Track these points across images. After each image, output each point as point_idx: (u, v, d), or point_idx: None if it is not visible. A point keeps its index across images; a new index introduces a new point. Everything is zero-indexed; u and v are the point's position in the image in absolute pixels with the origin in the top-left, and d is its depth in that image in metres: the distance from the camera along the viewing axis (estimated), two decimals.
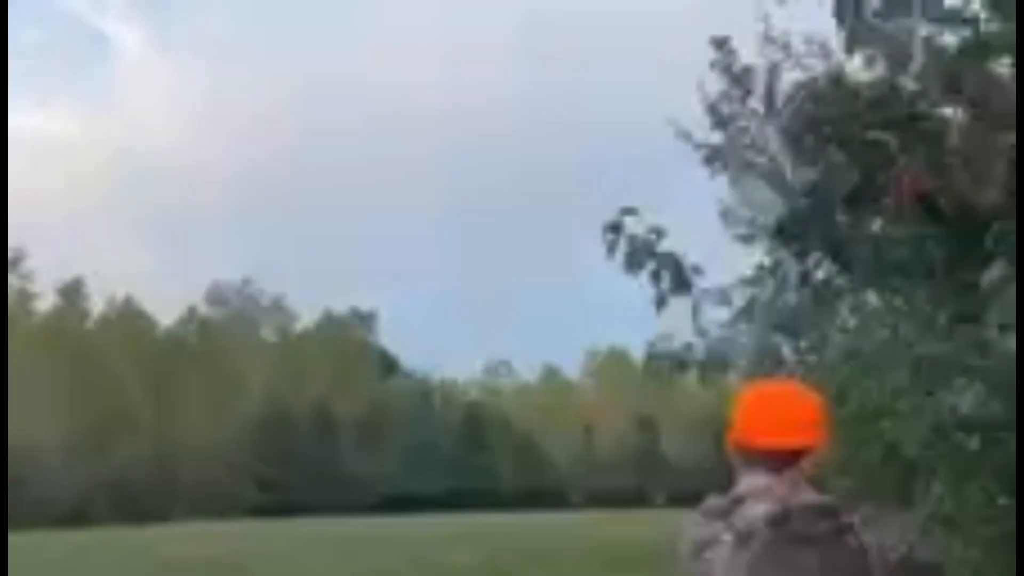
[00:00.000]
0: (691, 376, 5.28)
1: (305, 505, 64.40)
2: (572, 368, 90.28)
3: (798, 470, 2.68)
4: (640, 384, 79.60)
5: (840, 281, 6.06)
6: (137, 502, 61.70)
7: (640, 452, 76.78)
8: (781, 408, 2.78)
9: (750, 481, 2.68)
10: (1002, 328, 3.81)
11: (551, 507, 64.44)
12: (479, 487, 73.72)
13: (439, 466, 74.27)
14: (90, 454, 62.68)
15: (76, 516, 55.59)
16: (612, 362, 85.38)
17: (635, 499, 70.06)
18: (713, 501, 2.73)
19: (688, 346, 4.75)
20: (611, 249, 4.56)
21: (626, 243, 4.60)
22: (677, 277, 4.57)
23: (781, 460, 2.68)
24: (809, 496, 2.61)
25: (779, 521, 2.54)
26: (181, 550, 24.43)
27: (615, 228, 4.56)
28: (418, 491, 70.69)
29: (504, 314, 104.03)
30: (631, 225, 4.61)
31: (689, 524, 2.78)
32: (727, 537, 2.60)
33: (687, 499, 3.09)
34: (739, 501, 2.66)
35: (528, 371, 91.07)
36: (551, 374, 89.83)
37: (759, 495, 2.62)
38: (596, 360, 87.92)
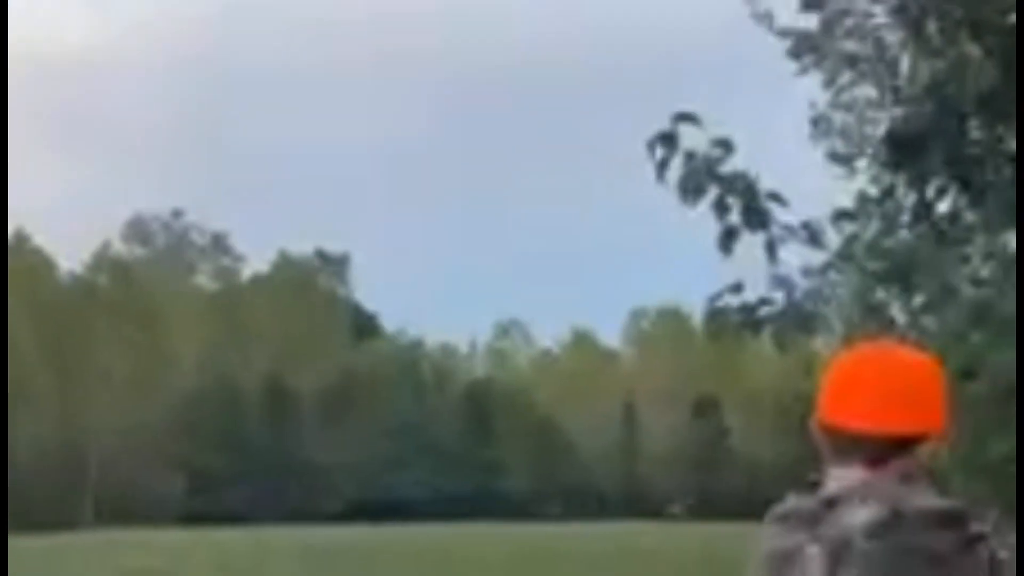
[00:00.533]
0: (766, 340, 5.24)
1: (252, 510, 64.92)
2: (609, 333, 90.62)
3: (910, 463, 2.65)
4: (699, 353, 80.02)
5: (971, 216, 6.03)
6: (34, 504, 62.22)
7: (698, 441, 76.95)
8: (888, 380, 2.74)
9: (844, 476, 2.64)
10: None
11: (579, 516, 64.87)
12: (483, 488, 74.25)
13: (430, 459, 74.71)
14: None
15: None
16: (662, 325, 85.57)
17: (694, 506, 70.43)
18: (795, 502, 2.71)
19: (763, 300, 4.69)
20: (662, 169, 4.51)
21: (682, 161, 4.54)
22: (749, 207, 4.51)
23: (887, 450, 2.65)
24: (926, 498, 2.59)
25: (886, 530, 2.52)
26: (89, 566, 24.65)
27: (667, 141, 4.52)
28: (402, 493, 71.19)
29: (518, 260, 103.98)
30: (689, 137, 4.56)
31: (763, 534, 2.77)
32: (814, 550, 2.59)
33: (759, 506, 3.07)
34: (831, 503, 2.64)
35: (550, 336, 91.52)
36: (581, 340, 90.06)
37: (857, 495, 2.59)
38: (641, 322, 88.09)
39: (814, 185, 6.49)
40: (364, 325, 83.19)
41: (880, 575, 2.49)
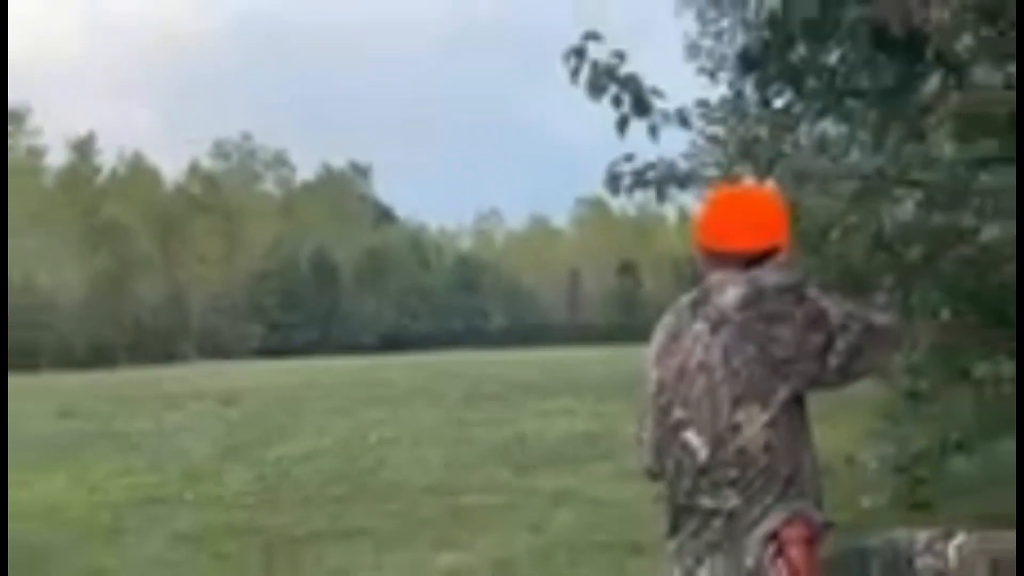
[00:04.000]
0: (671, 224, 5.21)
1: (308, 345, 65.16)
2: (559, 217, 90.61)
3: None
4: (622, 230, 80.00)
5: (798, 108, 6.00)
6: (151, 344, 62.26)
7: (621, 292, 77.21)
8: (735, 208, 2.70)
9: (717, 276, 2.60)
10: (945, 138, 3.77)
11: (538, 344, 65.22)
12: (471, 327, 74.58)
13: (433, 308, 74.89)
14: (106, 301, 62.89)
15: (95, 358, 56.15)
16: (597, 211, 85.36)
17: (619, 336, 70.67)
18: (685, 297, 2.67)
19: (649, 165, 4.67)
20: (575, 74, 4.44)
21: (589, 68, 4.47)
22: (637, 99, 4.46)
23: (746, 264, 2.61)
24: (775, 275, 2.53)
25: (751, 302, 2.50)
26: (188, 385, 24.69)
27: (579, 53, 4.44)
28: (414, 331, 71.49)
29: (495, 166, 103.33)
30: (594, 51, 4.49)
31: (658, 324, 2.73)
32: (699, 325, 2.56)
33: None
34: (708, 291, 2.61)
35: (517, 219, 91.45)
36: (539, 223, 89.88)
37: (728, 281, 2.56)
38: (583, 209, 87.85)
39: (689, 92, 6.43)
40: (383, 215, 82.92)
41: (751, 336, 2.49)
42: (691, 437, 2.52)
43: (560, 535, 6.85)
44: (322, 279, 72.91)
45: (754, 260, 2.58)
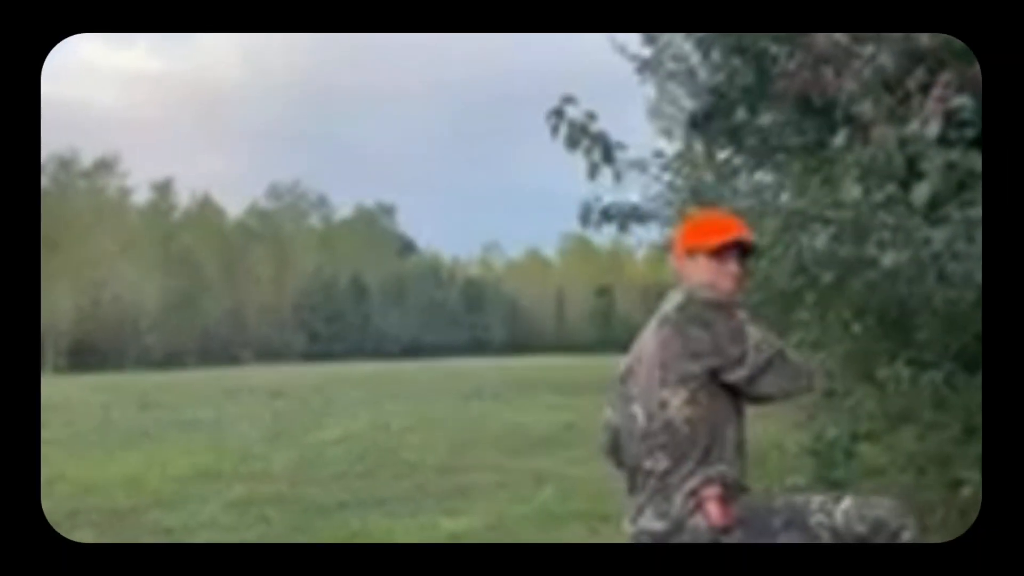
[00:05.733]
0: (639, 256, 5.23)
1: (344, 351, 65.03)
2: (549, 249, 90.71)
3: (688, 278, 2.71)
4: (599, 261, 79.98)
5: (737, 161, 6.04)
6: (216, 350, 62.18)
7: (599, 311, 77.19)
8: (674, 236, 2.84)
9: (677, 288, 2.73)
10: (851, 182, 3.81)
11: (530, 352, 65.16)
12: (476, 338, 74.48)
13: (446, 322, 74.81)
14: (180, 314, 62.90)
15: (170, 361, 56.06)
16: (580, 245, 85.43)
17: (596, 347, 70.57)
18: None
19: (614, 203, 4.71)
20: (555, 130, 4.46)
21: (566, 126, 4.49)
22: (605, 151, 4.49)
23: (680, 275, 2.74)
24: (704, 291, 2.61)
25: (685, 307, 2.56)
26: (244, 382, 24.66)
27: (558, 113, 4.47)
28: (431, 341, 71.38)
29: (498, 207, 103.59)
30: (570, 112, 4.52)
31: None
32: (653, 324, 2.66)
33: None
34: (664, 297, 2.72)
35: (514, 251, 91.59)
36: (532, 253, 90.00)
37: (675, 292, 2.67)
38: (568, 243, 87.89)
39: (649, 146, 6.46)
40: (406, 246, 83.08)
41: (681, 332, 2.54)
42: (636, 409, 2.62)
43: (543, 506, 6.84)
44: (356, 298, 72.94)
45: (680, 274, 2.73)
